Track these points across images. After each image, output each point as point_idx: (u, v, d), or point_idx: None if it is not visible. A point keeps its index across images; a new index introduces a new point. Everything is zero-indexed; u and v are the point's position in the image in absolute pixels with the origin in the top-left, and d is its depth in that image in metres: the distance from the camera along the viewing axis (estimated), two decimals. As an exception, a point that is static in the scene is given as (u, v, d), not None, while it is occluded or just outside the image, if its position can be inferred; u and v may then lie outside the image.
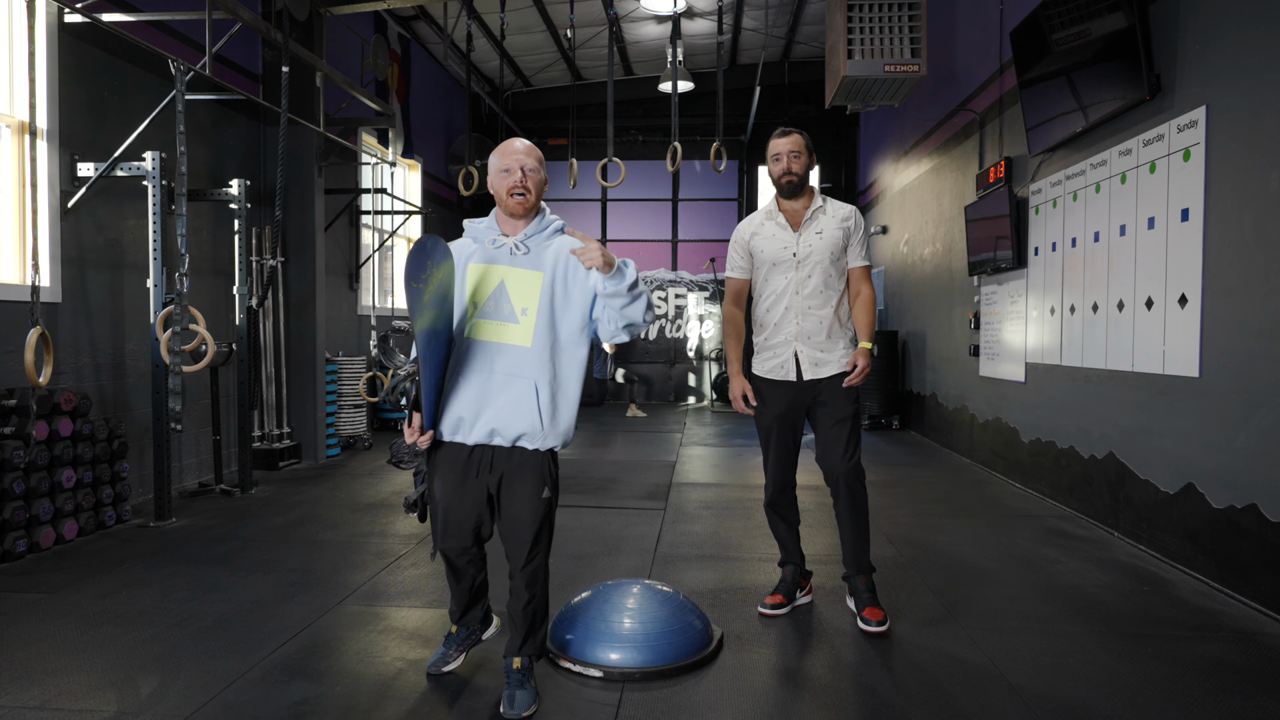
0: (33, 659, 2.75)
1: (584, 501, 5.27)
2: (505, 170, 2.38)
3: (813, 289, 3.11)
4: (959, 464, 6.80)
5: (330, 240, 7.62)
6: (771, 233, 3.18)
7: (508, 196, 2.39)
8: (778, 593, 3.27)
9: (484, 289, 2.37)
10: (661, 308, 12.61)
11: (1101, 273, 4.66)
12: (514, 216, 2.42)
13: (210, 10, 4.98)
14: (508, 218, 2.44)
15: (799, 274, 3.12)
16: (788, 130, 3.16)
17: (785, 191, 3.16)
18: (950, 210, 7.39)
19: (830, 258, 3.11)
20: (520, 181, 2.37)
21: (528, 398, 2.34)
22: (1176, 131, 3.90)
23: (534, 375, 2.35)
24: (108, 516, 4.43)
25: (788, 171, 3.11)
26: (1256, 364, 3.35)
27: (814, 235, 3.13)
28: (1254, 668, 2.76)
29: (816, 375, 3.11)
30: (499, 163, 2.40)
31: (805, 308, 3.11)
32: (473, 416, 2.36)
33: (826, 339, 3.11)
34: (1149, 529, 4.13)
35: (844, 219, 3.16)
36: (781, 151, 3.14)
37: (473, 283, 2.38)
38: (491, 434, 2.38)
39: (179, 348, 4.58)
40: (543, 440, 2.38)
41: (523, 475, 2.40)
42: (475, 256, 2.41)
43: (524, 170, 2.38)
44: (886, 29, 6.47)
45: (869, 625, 3.00)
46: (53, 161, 4.57)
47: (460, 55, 9.99)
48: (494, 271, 2.38)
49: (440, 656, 2.67)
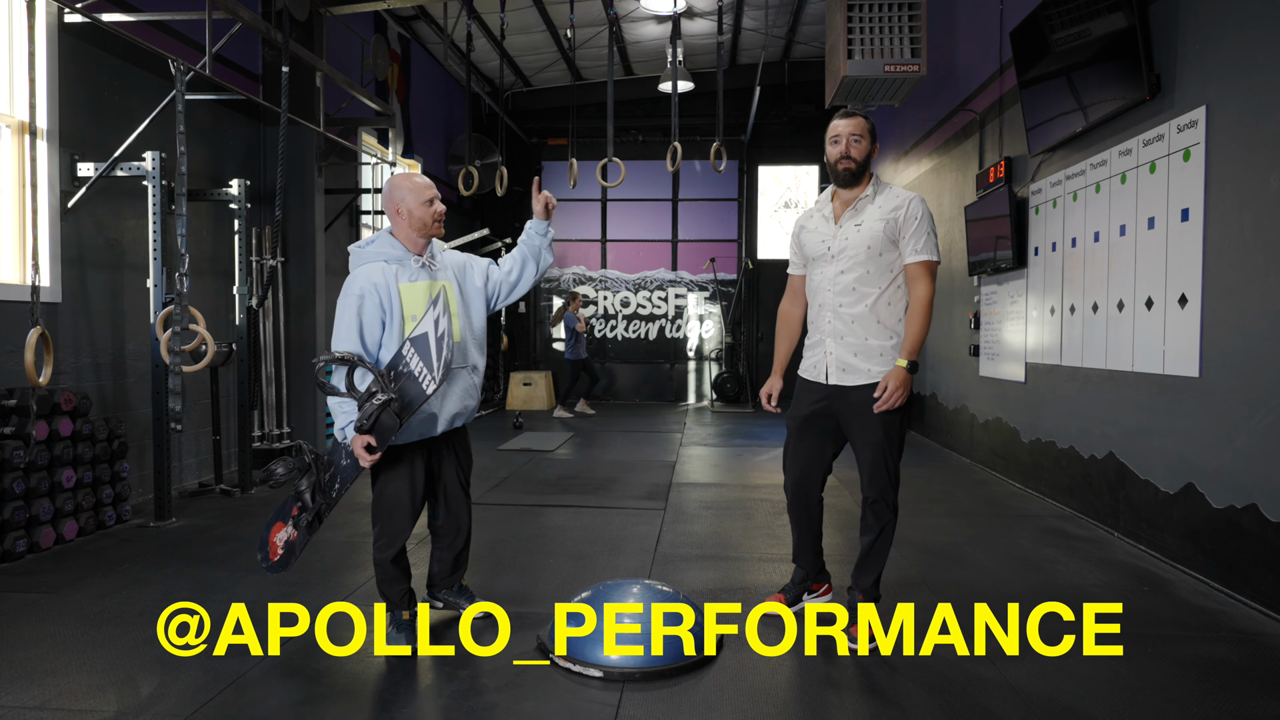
0: (33, 659, 2.75)
1: (584, 501, 5.27)
2: (429, 200, 2.81)
3: (844, 286, 2.88)
4: (959, 464, 6.80)
5: (330, 240, 7.62)
6: (816, 225, 3.00)
7: (434, 224, 2.83)
8: (781, 593, 3.23)
9: (421, 302, 2.74)
10: (661, 308, 12.62)
11: (1101, 273, 4.66)
12: (426, 238, 2.84)
13: (210, 10, 4.98)
14: (416, 238, 2.82)
15: (832, 269, 2.91)
16: (851, 111, 2.89)
17: (842, 179, 2.89)
18: (950, 210, 7.39)
19: (868, 252, 2.84)
20: (442, 212, 2.85)
21: (473, 381, 2.89)
22: (1176, 131, 3.90)
23: (467, 363, 2.87)
24: (108, 516, 4.43)
25: (845, 156, 2.84)
26: (1256, 364, 3.36)
27: (852, 228, 2.89)
28: (1254, 668, 2.76)
29: (842, 381, 2.90)
30: (421, 195, 2.79)
31: (837, 305, 2.90)
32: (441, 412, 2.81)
33: (861, 342, 2.86)
34: (1149, 529, 4.13)
35: (893, 209, 2.84)
36: (841, 133, 2.85)
37: (409, 300, 2.74)
38: (453, 420, 2.85)
39: (179, 348, 4.58)
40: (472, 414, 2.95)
41: (462, 448, 3.02)
42: (401, 277, 2.75)
43: (440, 202, 2.86)
44: (886, 29, 6.47)
45: (850, 642, 2.88)
46: (53, 161, 4.57)
47: (460, 55, 9.99)
48: (422, 286, 2.78)
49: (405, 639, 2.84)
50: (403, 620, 2.86)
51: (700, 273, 12.48)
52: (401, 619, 2.86)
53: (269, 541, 2.84)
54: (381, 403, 2.54)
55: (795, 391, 3.10)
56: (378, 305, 2.68)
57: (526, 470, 6.41)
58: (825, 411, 2.97)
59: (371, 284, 2.68)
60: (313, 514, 2.79)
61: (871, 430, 2.85)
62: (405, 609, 2.88)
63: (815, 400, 2.98)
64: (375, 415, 2.55)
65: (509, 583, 3.60)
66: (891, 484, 2.89)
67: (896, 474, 2.91)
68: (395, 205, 2.79)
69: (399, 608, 2.87)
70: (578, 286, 12.73)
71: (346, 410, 2.66)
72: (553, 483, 5.90)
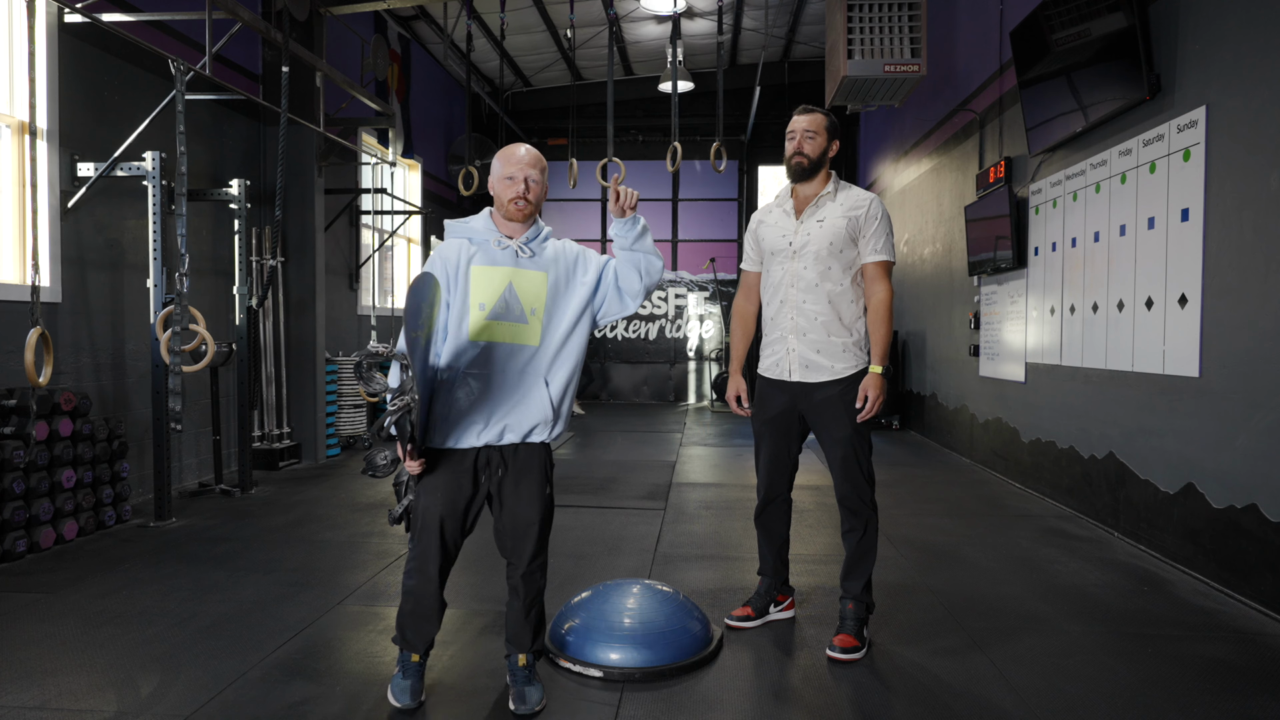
0: (33, 659, 2.75)
1: (584, 501, 5.27)
2: (510, 178, 2.41)
3: (807, 282, 2.87)
4: (959, 464, 6.80)
5: (330, 240, 7.62)
6: (775, 220, 2.98)
7: (509, 203, 2.41)
8: (748, 605, 3.11)
9: (492, 291, 2.37)
10: (661, 308, 12.62)
11: (1101, 273, 4.66)
12: (512, 221, 2.45)
13: (210, 10, 4.98)
14: (505, 221, 2.46)
15: (795, 265, 2.90)
16: (810, 108, 2.91)
17: (794, 174, 2.91)
18: (950, 210, 7.39)
19: (830, 249, 2.84)
20: (523, 193, 2.40)
21: (540, 392, 2.40)
22: (1176, 131, 3.90)
23: (544, 371, 2.41)
24: (108, 516, 4.43)
25: (798, 152, 2.87)
26: (1256, 364, 3.35)
27: (814, 224, 2.88)
28: (1254, 668, 2.76)
29: (806, 378, 2.88)
30: (503, 170, 2.42)
31: (799, 302, 2.88)
32: (485, 417, 2.37)
33: (823, 338, 2.86)
34: (1149, 529, 4.13)
35: (853, 207, 2.86)
36: (796, 129, 2.88)
37: (478, 285, 2.38)
38: (503, 432, 2.39)
39: (179, 348, 4.58)
40: (550, 431, 2.44)
41: (529, 473, 2.43)
42: (477, 259, 2.40)
43: (528, 181, 2.41)
44: (886, 29, 6.46)
45: (833, 650, 2.79)
46: (53, 161, 4.57)
47: (460, 55, 9.99)
48: (500, 273, 2.39)
49: (410, 689, 2.43)
50: (410, 664, 2.45)
51: (700, 273, 12.48)
52: (410, 663, 2.45)
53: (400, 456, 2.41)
54: (400, 408, 2.23)
55: (757, 392, 3.05)
56: (443, 285, 2.36)
57: (526, 470, 6.40)
58: (791, 410, 2.96)
59: (441, 260, 2.39)
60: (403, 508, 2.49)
61: (840, 427, 2.85)
62: (419, 650, 2.44)
63: (780, 400, 2.96)
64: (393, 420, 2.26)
65: (509, 583, 3.59)
66: (866, 479, 2.89)
67: (870, 469, 2.91)
68: (489, 181, 2.48)
69: (414, 646, 2.44)
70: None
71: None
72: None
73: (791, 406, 2.95)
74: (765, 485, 3.05)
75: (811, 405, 2.91)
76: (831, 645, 2.82)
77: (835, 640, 2.83)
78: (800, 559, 3.93)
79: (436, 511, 2.37)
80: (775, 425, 2.98)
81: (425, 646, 2.45)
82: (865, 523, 2.90)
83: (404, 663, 2.45)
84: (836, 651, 2.79)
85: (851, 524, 2.92)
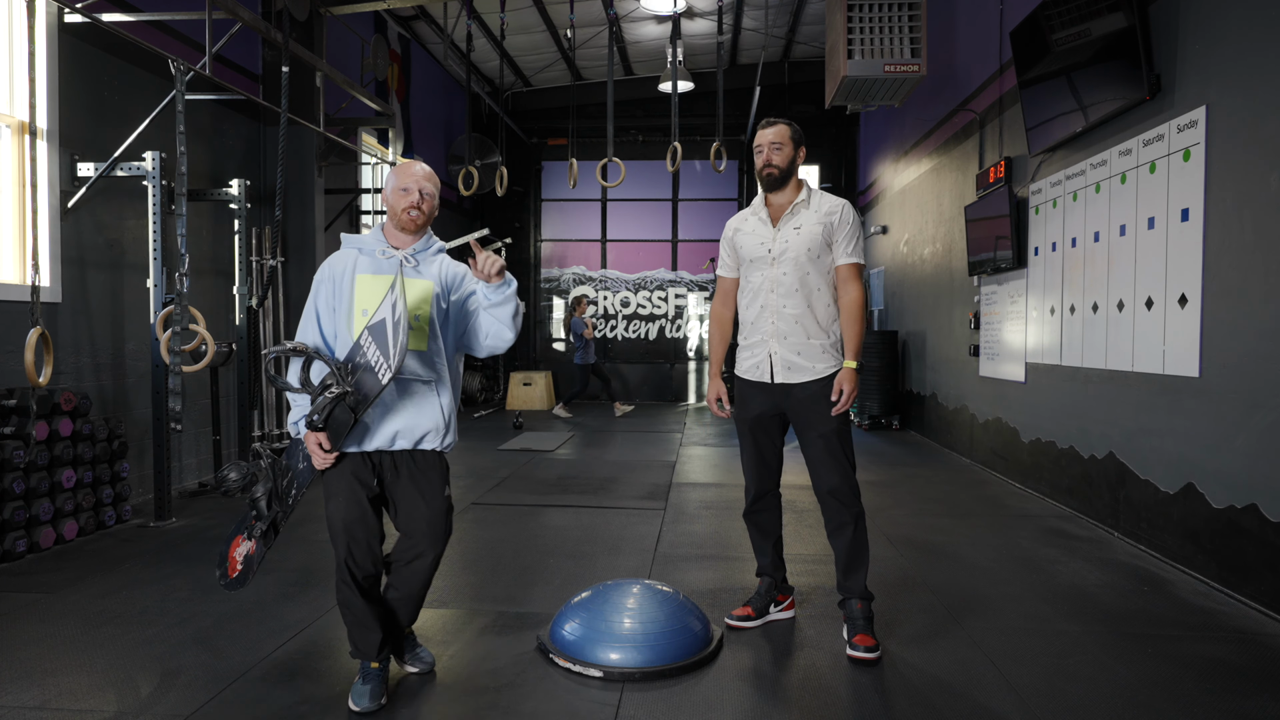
0: (33, 659, 2.75)
1: (584, 501, 5.27)
2: (404, 189, 2.50)
3: (787, 288, 2.97)
4: (959, 464, 6.80)
5: (330, 240, 7.62)
6: (753, 228, 3.07)
7: (403, 213, 2.50)
8: (748, 605, 3.13)
9: (376, 297, 2.43)
10: (661, 308, 12.63)
11: (1101, 273, 4.66)
12: (405, 232, 2.54)
13: (210, 10, 4.98)
14: (397, 232, 2.55)
15: (774, 271, 2.99)
16: (773, 120, 3.03)
17: (766, 185, 3.02)
18: (950, 210, 7.39)
19: (808, 254, 2.95)
20: (417, 202, 2.50)
21: (430, 399, 2.49)
22: (1176, 131, 3.90)
23: (431, 377, 2.49)
24: (108, 516, 4.43)
25: (768, 164, 2.98)
26: (1256, 364, 3.35)
27: (791, 231, 2.98)
28: (1254, 668, 2.76)
29: (788, 379, 2.96)
30: (399, 181, 2.51)
31: (780, 306, 2.97)
32: (376, 422, 2.44)
33: (803, 341, 2.95)
34: (1149, 529, 4.13)
35: (827, 213, 2.98)
36: (763, 143, 3.00)
37: (362, 292, 2.45)
38: (394, 438, 2.46)
39: (179, 348, 4.58)
40: (441, 440, 2.52)
41: (428, 475, 2.52)
42: (362, 267, 2.48)
43: (421, 193, 2.51)
44: (886, 29, 6.47)
45: (856, 650, 2.80)
46: (53, 161, 4.57)
47: (460, 55, 9.99)
48: (384, 281, 2.45)
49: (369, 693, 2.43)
50: (370, 670, 2.47)
51: (700, 273, 12.48)
52: (370, 668, 2.47)
53: (228, 557, 2.57)
54: (335, 396, 2.30)
55: (737, 394, 3.14)
56: (331, 293, 2.47)
57: (526, 470, 6.41)
58: (773, 409, 3.04)
59: (330, 271, 2.49)
60: (268, 523, 2.52)
61: (824, 421, 2.93)
62: (374, 656, 2.47)
63: (762, 400, 3.04)
64: (328, 410, 2.31)
65: (508, 583, 3.60)
66: (851, 467, 2.95)
67: (853, 460, 2.97)
68: (384, 193, 2.57)
69: (368, 654, 2.47)
70: (578, 287, 12.74)
71: (300, 404, 2.44)
72: (553, 483, 5.90)
73: (773, 406, 3.04)
74: (753, 482, 3.12)
75: (793, 403, 2.99)
76: (853, 645, 2.83)
77: (856, 640, 2.84)
78: (799, 559, 3.93)
79: (340, 517, 2.42)
80: (758, 424, 3.07)
81: (377, 653, 2.48)
82: (856, 516, 2.95)
83: (364, 670, 2.49)
84: (860, 651, 2.80)
85: (842, 519, 2.95)
